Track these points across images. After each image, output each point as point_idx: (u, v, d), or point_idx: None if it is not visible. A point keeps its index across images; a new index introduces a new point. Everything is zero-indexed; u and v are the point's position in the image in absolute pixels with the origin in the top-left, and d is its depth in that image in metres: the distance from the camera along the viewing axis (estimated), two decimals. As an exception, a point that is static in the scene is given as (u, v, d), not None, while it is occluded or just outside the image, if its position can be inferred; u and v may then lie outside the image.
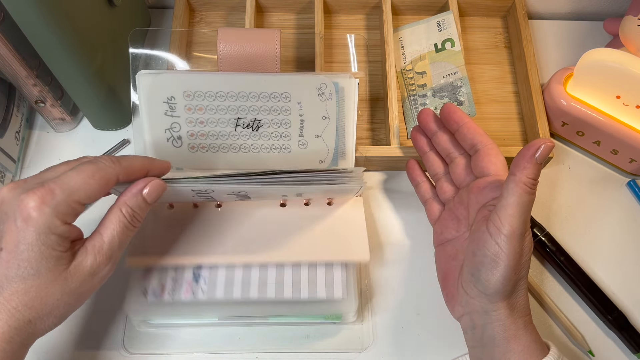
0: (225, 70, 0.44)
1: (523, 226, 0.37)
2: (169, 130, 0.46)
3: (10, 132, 0.51)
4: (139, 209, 0.37)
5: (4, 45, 0.43)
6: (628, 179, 0.55)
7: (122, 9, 0.52)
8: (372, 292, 0.48)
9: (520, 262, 0.38)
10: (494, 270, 0.38)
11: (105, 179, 0.34)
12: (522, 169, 0.36)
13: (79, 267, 0.34)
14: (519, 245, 0.37)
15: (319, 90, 0.46)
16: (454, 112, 0.44)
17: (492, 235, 0.37)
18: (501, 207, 0.37)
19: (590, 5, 0.65)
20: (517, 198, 0.36)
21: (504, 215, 0.37)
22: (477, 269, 0.39)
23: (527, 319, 0.39)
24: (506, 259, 0.37)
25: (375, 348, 0.46)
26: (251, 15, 0.57)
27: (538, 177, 0.36)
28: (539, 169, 0.36)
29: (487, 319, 0.39)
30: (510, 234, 0.37)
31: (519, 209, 0.36)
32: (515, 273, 0.38)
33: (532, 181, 0.36)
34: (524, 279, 0.39)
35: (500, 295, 0.38)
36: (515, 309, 0.39)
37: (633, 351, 0.47)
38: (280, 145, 0.48)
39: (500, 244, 0.37)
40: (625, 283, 0.50)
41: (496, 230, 0.37)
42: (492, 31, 0.63)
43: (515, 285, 0.39)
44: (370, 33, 0.62)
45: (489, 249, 0.37)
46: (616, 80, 0.49)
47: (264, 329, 0.46)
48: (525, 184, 0.36)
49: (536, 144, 0.36)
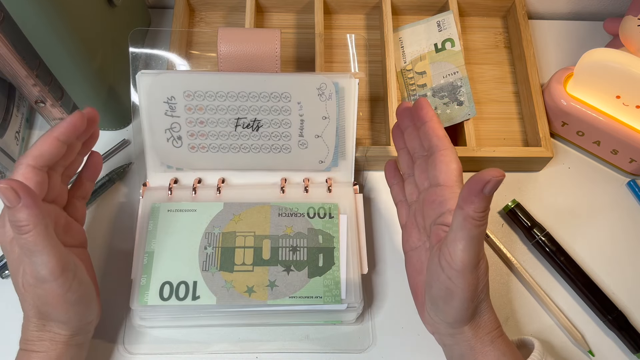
0: (226, 70, 0.44)
1: (475, 259, 0.36)
2: (169, 130, 0.46)
3: (10, 132, 0.51)
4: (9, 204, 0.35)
5: (4, 45, 0.43)
6: (628, 179, 0.55)
7: (122, 9, 0.52)
8: (372, 292, 0.48)
9: (476, 292, 0.37)
10: (450, 303, 0.37)
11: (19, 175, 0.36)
12: (470, 204, 0.34)
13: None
14: (472, 278, 0.36)
15: (319, 90, 0.46)
16: (420, 109, 0.42)
17: (445, 270, 0.37)
18: (451, 241, 0.36)
19: (590, 5, 0.65)
20: (466, 232, 0.35)
21: (454, 250, 0.36)
22: (435, 300, 0.39)
23: (494, 334, 0.39)
24: (461, 292, 0.36)
25: (375, 348, 0.46)
26: (251, 15, 0.57)
27: (487, 208, 0.35)
28: (487, 201, 0.34)
29: (453, 340, 0.40)
30: (462, 269, 0.36)
31: (469, 243, 0.35)
32: (472, 302, 0.37)
33: (481, 214, 0.35)
34: (485, 301, 0.39)
35: (462, 322, 0.39)
36: (480, 327, 0.39)
37: (633, 351, 0.47)
38: (280, 145, 0.48)
39: (453, 279, 0.36)
40: (625, 283, 0.50)
41: (447, 265, 0.36)
42: (492, 31, 0.63)
43: (475, 310, 0.38)
44: (370, 33, 0.62)
45: (443, 283, 0.37)
46: (616, 80, 0.49)
47: (263, 329, 0.46)
48: (474, 218, 0.35)
49: (484, 177, 0.33)
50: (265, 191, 0.48)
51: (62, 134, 0.38)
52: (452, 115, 0.55)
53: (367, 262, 0.46)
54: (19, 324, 0.41)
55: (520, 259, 0.51)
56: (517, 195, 0.54)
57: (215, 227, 0.46)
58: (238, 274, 0.44)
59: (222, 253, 0.45)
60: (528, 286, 0.49)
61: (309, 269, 0.44)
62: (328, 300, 0.43)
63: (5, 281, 0.48)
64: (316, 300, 0.43)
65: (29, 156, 0.37)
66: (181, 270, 0.44)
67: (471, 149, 0.52)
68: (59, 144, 0.38)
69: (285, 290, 0.44)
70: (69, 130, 0.38)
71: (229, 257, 0.44)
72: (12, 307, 0.47)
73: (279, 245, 0.45)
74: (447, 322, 0.39)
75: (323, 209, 0.47)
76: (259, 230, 0.46)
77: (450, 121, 0.55)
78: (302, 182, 0.49)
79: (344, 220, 0.47)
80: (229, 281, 0.44)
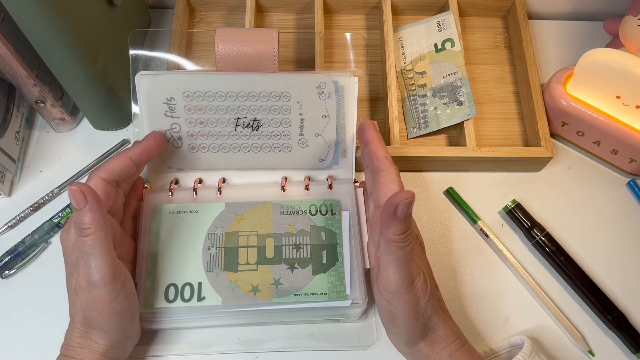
0: (224, 70, 0.44)
1: (406, 279, 0.37)
2: (169, 131, 0.46)
3: (10, 132, 0.51)
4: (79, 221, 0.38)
5: (4, 45, 0.43)
6: (628, 179, 0.55)
7: (122, 9, 0.52)
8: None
9: (418, 309, 0.38)
10: (396, 324, 0.39)
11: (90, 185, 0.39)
12: (388, 228, 0.36)
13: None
14: (409, 297, 0.37)
15: (318, 89, 0.46)
16: (362, 131, 0.44)
17: (382, 294, 0.38)
18: (382, 266, 0.37)
19: (590, 5, 0.65)
20: (392, 255, 0.36)
21: (386, 274, 0.37)
22: (384, 323, 0.40)
23: (451, 348, 0.39)
24: (401, 312, 0.37)
25: (379, 344, 0.46)
26: (251, 15, 0.57)
27: (407, 228, 0.36)
28: (403, 223, 0.36)
29: (411, 358, 0.41)
30: (396, 291, 0.37)
31: (397, 265, 0.36)
32: (416, 319, 0.38)
33: (400, 237, 0.36)
34: (435, 315, 0.39)
35: (414, 342, 0.39)
36: (436, 343, 0.39)
37: (633, 351, 0.47)
38: (280, 145, 0.48)
39: (392, 302, 0.38)
40: (625, 283, 0.50)
41: (384, 289, 0.38)
42: (492, 31, 0.63)
43: (423, 328, 0.39)
44: (370, 33, 0.62)
45: (384, 306, 0.38)
46: (616, 80, 0.49)
47: (268, 328, 0.46)
48: (394, 241, 0.36)
49: (394, 201, 0.35)
50: (267, 190, 0.48)
51: (135, 155, 0.42)
52: (452, 115, 0.55)
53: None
54: (19, 323, 0.41)
55: (520, 259, 0.51)
56: (517, 195, 0.54)
57: (218, 228, 0.46)
58: (242, 274, 0.44)
59: (225, 253, 0.45)
60: (528, 286, 0.49)
61: (313, 266, 0.44)
62: (333, 296, 0.43)
63: (6, 281, 0.48)
64: (321, 297, 0.43)
65: (102, 169, 0.40)
66: (185, 272, 0.44)
67: (471, 149, 0.52)
68: (130, 163, 0.42)
69: (289, 288, 0.44)
70: (142, 152, 0.42)
71: (232, 257, 0.44)
72: (13, 307, 0.47)
73: (282, 243, 0.45)
74: (400, 342, 0.40)
75: (325, 205, 0.47)
76: (261, 229, 0.46)
77: (450, 121, 0.55)
78: (302, 181, 0.49)
79: (345, 217, 0.47)
80: (233, 281, 0.44)
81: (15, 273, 0.48)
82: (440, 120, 0.55)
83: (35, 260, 0.49)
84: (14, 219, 0.50)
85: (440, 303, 0.41)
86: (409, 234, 0.36)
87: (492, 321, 0.48)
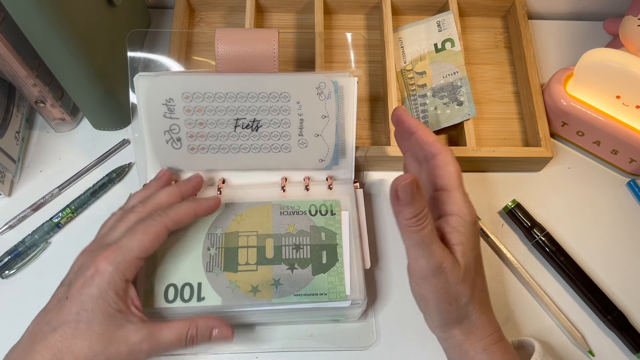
0: (224, 71, 0.44)
1: (431, 261, 0.36)
2: (169, 132, 0.46)
3: (10, 132, 0.51)
4: (201, 338, 0.39)
5: (4, 45, 0.43)
6: (628, 179, 0.55)
7: (122, 9, 0.52)
8: (375, 290, 0.48)
9: (449, 293, 0.37)
10: (428, 307, 0.38)
11: (155, 234, 0.39)
12: (399, 214, 0.36)
13: (123, 337, 0.37)
14: (438, 281, 0.36)
15: (318, 90, 0.46)
16: (402, 122, 0.42)
17: (412, 279, 0.38)
18: (407, 251, 0.37)
19: (590, 5, 0.65)
20: (411, 240, 0.36)
21: (411, 259, 0.37)
22: (419, 307, 0.40)
23: (487, 341, 0.38)
24: (432, 296, 0.37)
25: (379, 345, 0.46)
26: (251, 15, 0.57)
27: (418, 210, 0.35)
28: (411, 206, 0.35)
29: (446, 344, 0.40)
30: (423, 275, 0.37)
31: (418, 250, 0.36)
32: (449, 304, 0.37)
33: (413, 220, 0.35)
34: (471, 304, 0.38)
35: (448, 325, 0.39)
36: (472, 333, 0.38)
37: (633, 351, 0.47)
38: (280, 145, 0.48)
39: (421, 286, 0.37)
40: (625, 283, 0.50)
41: (411, 274, 0.38)
42: (492, 31, 0.63)
43: (458, 314, 0.38)
44: (370, 33, 0.62)
45: (416, 290, 0.38)
46: (616, 80, 0.49)
47: (268, 328, 0.46)
48: (407, 225, 0.36)
49: (393, 187, 0.35)
50: (266, 190, 0.48)
51: (202, 214, 0.43)
52: (452, 115, 0.55)
53: (369, 257, 0.46)
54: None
55: (520, 259, 0.51)
56: (517, 195, 0.54)
57: (218, 228, 0.46)
58: (242, 274, 0.44)
59: (225, 253, 0.45)
60: (528, 286, 0.49)
61: (312, 267, 0.44)
62: (333, 297, 0.43)
63: (6, 281, 0.48)
64: (321, 297, 0.43)
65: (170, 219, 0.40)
66: (185, 272, 0.44)
67: (471, 149, 0.52)
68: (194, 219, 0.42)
69: (289, 288, 0.44)
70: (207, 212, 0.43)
71: (232, 258, 0.44)
72: (12, 307, 0.47)
73: (282, 243, 0.45)
74: (434, 325, 0.39)
75: (324, 206, 0.47)
76: (261, 230, 0.46)
77: (450, 121, 0.55)
78: (302, 181, 0.49)
79: (345, 217, 0.47)
80: (233, 281, 0.44)
81: (15, 273, 0.48)
82: (440, 120, 0.55)
83: (35, 260, 0.49)
84: (14, 219, 0.50)
85: (482, 294, 0.39)
86: (423, 215, 0.36)
87: (492, 321, 0.48)
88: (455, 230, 0.38)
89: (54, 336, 0.35)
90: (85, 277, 0.37)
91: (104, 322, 0.36)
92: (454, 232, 0.38)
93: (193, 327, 0.39)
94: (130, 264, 0.38)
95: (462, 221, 0.38)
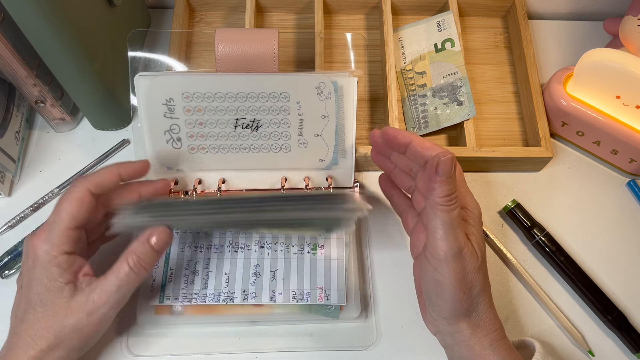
0: (224, 71, 0.44)
1: (455, 245, 0.36)
2: (169, 132, 0.46)
3: (10, 132, 0.51)
4: (145, 256, 0.39)
5: (4, 45, 0.43)
6: (628, 179, 0.55)
7: (122, 9, 0.52)
8: (375, 290, 0.48)
9: (465, 281, 0.37)
10: (442, 295, 0.38)
11: (78, 199, 0.38)
12: (432, 191, 0.36)
13: (77, 303, 0.38)
14: (457, 265, 0.37)
15: (317, 90, 0.46)
16: (394, 137, 0.40)
17: (430, 262, 0.37)
18: (430, 232, 0.37)
19: (590, 5, 0.65)
20: (439, 220, 0.36)
21: (434, 240, 0.37)
22: (429, 295, 0.39)
23: (493, 336, 0.38)
24: (448, 282, 0.37)
25: (379, 345, 0.46)
26: (251, 15, 0.57)
27: (452, 191, 0.36)
28: (447, 184, 0.35)
29: (452, 340, 0.39)
30: (445, 257, 0.36)
31: (445, 230, 0.36)
32: (463, 293, 0.37)
33: (446, 199, 0.36)
34: (481, 296, 0.38)
35: (457, 317, 0.38)
36: (479, 327, 0.38)
37: (633, 351, 0.47)
38: (280, 145, 0.48)
39: (438, 269, 0.37)
40: (625, 283, 0.50)
41: (430, 256, 0.37)
42: (492, 31, 0.63)
43: (469, 305, 0.38)
44: (370, 33, 0.62)
45: (430, 274, 0.38)
46: (616, 80, 0.49)
47: (268, 328, 0.46)
48: (440, 204, 0.36)
49: (434, 162, 0.35)
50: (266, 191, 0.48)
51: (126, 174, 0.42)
52: (452, 115, 0.55)
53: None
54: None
55: (520, 259, 0.51)
56: (517, 195, 0.54)
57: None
58: None
59: None
60: (528, 286, 0.49)
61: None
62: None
63: (6, 281, 0.48)
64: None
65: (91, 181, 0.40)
66: None
67: (471, 149, 0.52)
68: (118, 180, 0.41)
69: None
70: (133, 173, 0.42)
71: None
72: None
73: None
74: (443, 317, 0.39)
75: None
76: None
77: (450, 121, 0.55)
78: (302, 181, 0.49)
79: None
80: None
81: (15, 273, 0.48)
82: (440, 121, 0.55)
83: (35, 260, 0.49)
84: (14, 219, 0.50)
85: (489, 288, 0.40)
86: (454, 197, 0.36)
87: (492, 321, 0.48)
88: (467, 222, 0.38)
89: (23, 327, 0.37)
90: (27, 262, 0.38)
91: (56, 298, 0.37)
92: (466, 224, 0.38)
93: (130, 254, 0.39)
94: (64, 235, 0.38)
95: (472, 214, 0.39)
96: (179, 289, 0.45)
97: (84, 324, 0.38)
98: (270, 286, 0.45)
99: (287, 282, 0.45)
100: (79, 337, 0.38)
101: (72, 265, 0.38)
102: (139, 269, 0.39)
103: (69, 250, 0.38)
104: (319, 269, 0.46)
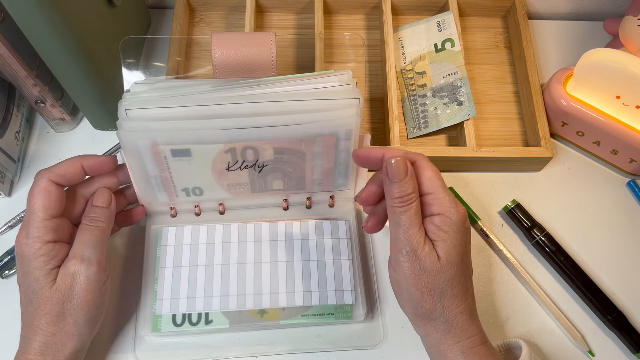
0: (221, 76, 0.44)
1: (407, 245, 0.37)
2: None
3: (10, 132, 0.51)
4: (93, 212, 0.41)
5: (4, 45, 0.43)
6: (628, 179, 0.55)
7: (122, 9, 0.52)
8: (379, 289, 0.48)
9: (420, 280, 0.37)
10: (401, 295, 0.39)
11: (43, 190, 0.39)
12: (387, 192, 0.37)
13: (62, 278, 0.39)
14: (411, 265, 0.37)
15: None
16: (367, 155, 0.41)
17: (390, 262, 0.39)
18: (390, 234, 0.38)
19: (590, 5, 0.65)
20: (392, 221, 0.38)
21: (391, 239, 0.38)
22: (396, 296, 0.40)
23: (466, 344, 0.37)
24: (404, 280, 0.38)
25: (386, 343, 0.46)
26: (251, 15, 0.57)
27: (404, 192, 0.37)
28: (399, 185, 0.37)
29: (425, 344, 0.40)
30: (397, 257, 0.37)
31: (397, 231, 0.37)
32: (421, 293, 0.37)
33: (397, 200, 0.37)
34: (449, 301, 0.37)
35: (422, 319, 0.38)
36: (450, 334, 0.38)
37: (633, 351, 0.47)
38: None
39: (396, 268, 0.38)
40: (625, 283, 0.50)
41: (390, 257, 0.39)
42: (492, 31, 0.63)
43: (432, 307, 0.37)
44: (370, 33, 0.62)
45: (391, 274, 0.39)
46: (616, 80, 0.49)
47: (276, 332, 0.46)
48: (392, 205, 0.37)
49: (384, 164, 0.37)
50: (268, 210, 0.48)
51: (88, 166, 0.42)
52: (452, 115, 0.55)
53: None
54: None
55: (520, 259, 0.51)
56: (517, 195, 0.54)
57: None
58: None
59: None
60: (528, 286, 0.49)
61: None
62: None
63: (6, 281, 0.48)
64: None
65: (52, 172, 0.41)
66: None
67: (471, 149, 0.52)
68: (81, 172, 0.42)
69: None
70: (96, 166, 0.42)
71: None
72: (12, 307, 0.47)
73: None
74: (409, 318, 0.40)
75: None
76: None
77: (450, 121, 0.55)
78: (304, 200, 0.49)
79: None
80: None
81: (15, 273, 0.48)
82: (440, 120, 0.55)
83: (35, 260, 0.49)
84: (14, 219, 0.50)
85: (463, 293, 0.38)
86: (408, 199, 0.37)
87: (492, 321, 0.48)
88: (438, 228, 0.38)
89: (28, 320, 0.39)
90: (18, 260, 0.40)
91: (46, 284, 0.39)
92: (436, 230, 0.38)
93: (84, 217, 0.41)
94: (42, 227, 0.39)
95: (447, 220, 0.38)
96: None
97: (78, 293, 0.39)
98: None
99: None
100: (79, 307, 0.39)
101: (58, 253, 0.39)
102: (95, 221, 0.41)
103: (51, 239, 0.39)
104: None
